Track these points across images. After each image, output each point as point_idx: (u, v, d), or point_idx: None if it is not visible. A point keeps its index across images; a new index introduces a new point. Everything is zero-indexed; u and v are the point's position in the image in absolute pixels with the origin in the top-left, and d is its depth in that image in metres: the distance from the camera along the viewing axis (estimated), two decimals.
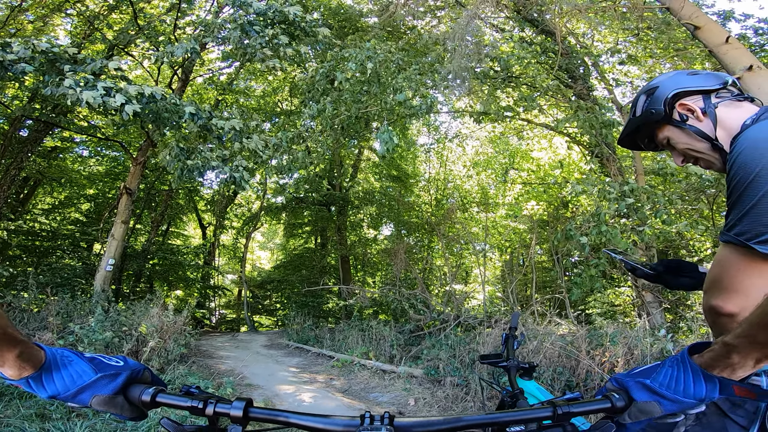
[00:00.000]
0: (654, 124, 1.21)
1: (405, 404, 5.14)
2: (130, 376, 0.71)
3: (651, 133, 1.26)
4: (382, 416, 0.69)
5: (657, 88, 1.19)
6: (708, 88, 1.13)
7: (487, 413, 0.72)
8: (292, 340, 10.23)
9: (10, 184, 9.91)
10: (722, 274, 0.93)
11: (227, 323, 18.52)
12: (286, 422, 0.70)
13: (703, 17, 4.90)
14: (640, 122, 1.24)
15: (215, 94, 13.86)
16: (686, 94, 1.15)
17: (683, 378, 0.65)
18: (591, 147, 7.36)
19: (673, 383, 0.66)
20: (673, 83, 1.17)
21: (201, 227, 19.25)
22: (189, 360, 6.73)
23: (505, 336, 1.78)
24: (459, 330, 7.03)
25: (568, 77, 7.94)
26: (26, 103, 9.71)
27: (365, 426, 0.67)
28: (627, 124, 1.31)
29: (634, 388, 0.68)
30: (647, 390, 0.67)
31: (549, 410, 0.71)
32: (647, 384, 0.67)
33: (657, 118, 1.18)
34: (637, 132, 1.29)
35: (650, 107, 1.20)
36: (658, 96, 1.18)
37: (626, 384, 0.70)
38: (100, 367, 0.70)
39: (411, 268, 10.33)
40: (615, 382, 0.72)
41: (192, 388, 0.74)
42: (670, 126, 1.18)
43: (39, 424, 3.09)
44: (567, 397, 0.73)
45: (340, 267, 15.06)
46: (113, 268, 8.69)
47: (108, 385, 0.68)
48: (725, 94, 1.13)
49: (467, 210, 13.30)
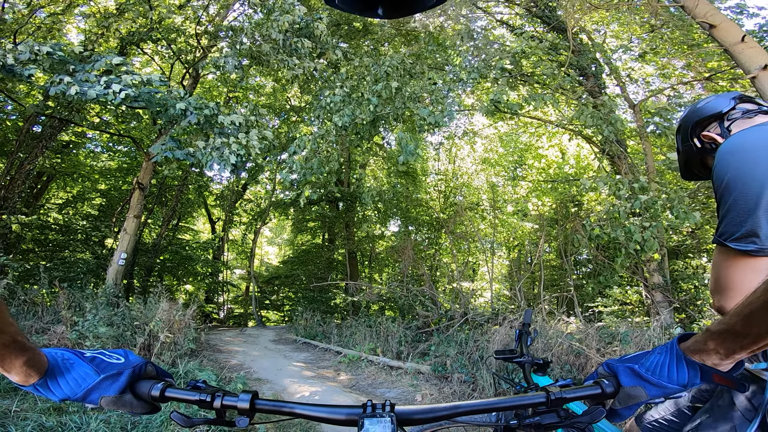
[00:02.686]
0: (696, 156, 1.29)
1: (412, 400, 5.16)
2: (133, 373, 0.71)
3: (702, 162, 1.31)
4: (384, 404, 0.71)
5: (681, 126, 1.31)
6: (721, 111, 1.20)
7: (483, 399, 0.74)
8: (300, 336, 10.30)
9: (24, 179, 10.07)
10: (717, 274, 0.99)
11: (235, 318, 18.70)
12: (292, 412, 0.72)
13: (719, 16, 4.82)
14: (685, 158, 1.34)
15: (225, 91, 13.95)
16: (704, 122, 1.23)
17: (668, 364, 0.67)
18: (602, 145, 7.29)
19: (658, 369, 0.68)
20: (691, 116, 1.26)
21: (210, 222, 19.44)
22: (200, 354, 6.81)
23: (518, 332, 1.80)
24: (466, 327, 7.04)
25: (580, 75, 7.86)
26: (40, 101, 9.86)
27: (367, 413, 0.69)
28: (678, 162, 1.41)
29: (622, 373, 0.71)
30: (634, 375, 0.69)
31: (543, 396, 0.72)
32: (635, 369, 0.70)
33: (692, 152, 1.28)
34: (691, 165, 1.35)
35: (683, 145, 1.31)
36: (684, 133, 1.29)
37: (616, 369, 0.72)
38: (102, 367, 0.69)
39: (419, 264, 10.33)
40: (606, 368, 0.74)
41: (199, 383, 0.75)
42: (707, 155, 1.25)
43: (56, 417, 3.15)
44: (560, 383, 0.75)
45: (348, 263, 15.10)
46: (125, 262, 8.80)
47: (112, 386, 0.69)
48: (736, 114, 1.19)
49: (476, 207, 13.26)
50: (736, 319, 0.59)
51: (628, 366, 0.71)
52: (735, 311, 0.59)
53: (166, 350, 5.55)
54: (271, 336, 11.31)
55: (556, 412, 0.75)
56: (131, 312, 6.43)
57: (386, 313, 10.67)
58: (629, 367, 0.70)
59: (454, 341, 6.38)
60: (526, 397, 0.74)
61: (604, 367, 0.74)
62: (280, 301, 18.76)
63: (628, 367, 0.70)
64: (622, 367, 0.71)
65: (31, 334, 5.40)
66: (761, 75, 4.21)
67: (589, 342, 4.74)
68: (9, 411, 3.17)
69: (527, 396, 0.74)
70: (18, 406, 3.25)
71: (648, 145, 7.34)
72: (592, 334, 4.90)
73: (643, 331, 4.79)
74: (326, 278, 13.75)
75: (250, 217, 20.02)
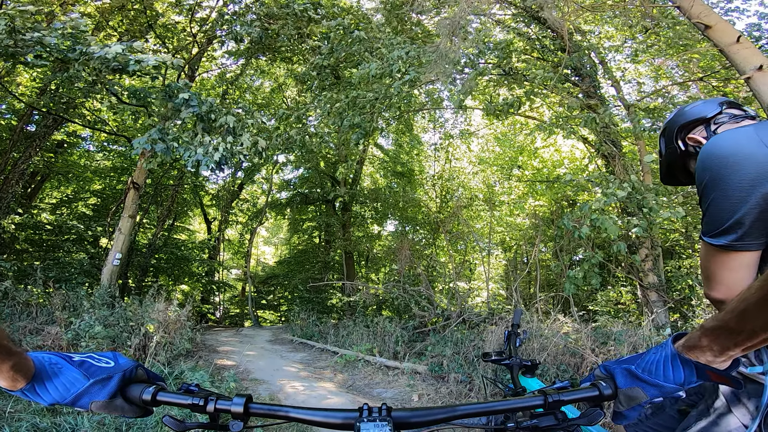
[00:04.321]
0: (680, 159, 1.31)
1: (409, 400, 5.16)
2: (124, 377, 0.70)
3: (684, 167, 1.33)
4: (380, 408, 0.70)
5: (667, 128, 1.32)
6: (707, 116, 1.22)
7: (481, 402, 0.73)
8: (296, 336, 10.28)
9: (18, 178, 10.00)
10: (703, 266, 1.08)
11: (231, 318, 18.64)
12: (286, 416, 0.71)
13: (714, 16, 4.83)
14: (667, 161, 1.35)
15: (220, 91, 13.91)
16: (690, 125, 1.25)
17: (663, 363, 0.67)
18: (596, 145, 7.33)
19: (654, 368, 0.68)
20: (677, 119, 1.29)
21: (206, 222, 19.36)
22: (195, 355, 6.79)
23: (507, 333, 1.79)
24: (463, 327, 7.05)
25: (575, 75, 7.88)
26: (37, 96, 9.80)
27: (363, 418, 0.69)
28: (660, 165, 1.42)
29: (619, 375, 0.71)
30: (631, 376, 0.69)
31: (540, 399, 0.72)
32: (631, 370, 0.69)
33: (676, 155, 1.30)
34: (673, 169, 1.37)
35: (667, 147, 1.32)
36: (669, 135, 1.31)
37: (613, 371, 0.72)
38: (91, 371, 0.68)
39: (415, 264, 10.34)
40: (603, 370, 0.74)
41: (192, 386, 0.74)
42: (691, 158, 1.27)
43: (50, 418, 3.14)
44: (557, 386, 0.75)
45: (344, 263, 15.08)
46: (120, 262, 8.75)
47: (102, 391, 0.68)
48: (723, 118, 1.21)
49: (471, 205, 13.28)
50: (729, 316, 0.58)
51: (625, 367, 0.71)
52: (729, 308, 0.59)
53: (161, 350, 5.52)
54: (267, 336, 11.28)
55: (553, 414, 0.75)
56: (126, 312, 6.39)
57: (383, 313, 10.68)
58: (626, 369, 0.70)
59: (450, 341, 6.38)
60: (523, 399, 0.74)
61: (601, 369, 0.75)
62: (277, 301, 18.72)
63: (624, 369, 0.70)
64: (618, 368, 0.71)
65: (25, 335, 5.36)
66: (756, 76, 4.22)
67: (584, 342, 4.76)
68: (3, 412, 3.15)
69: (524, 399, 0.74)
70: (12, 407, 3.23)
71: (642, 145, 7.37)
72: (587, 334, 4.93)
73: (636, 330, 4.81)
74: (323, 278, 13.73)
75: (246, 217, 19.97)
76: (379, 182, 18.23)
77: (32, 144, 10.10)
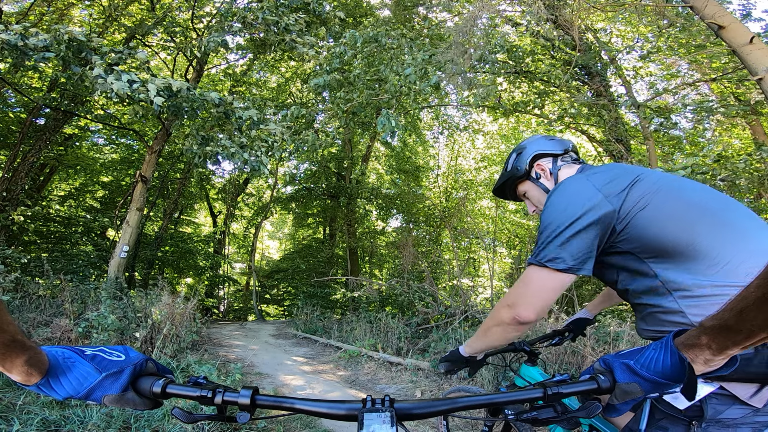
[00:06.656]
0: (517, 179, 1.46)
1: (411, 396, 5.19)
2: (134, 371, 0.71)
3: (514, 186, 1.50)
4: (383, 399, 0.72)
5: (525, 149, 1.44)
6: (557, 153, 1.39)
7: (481, 395, 0.75)
8: (300, 330, 10.34)
9: (27, 170, 10.11)
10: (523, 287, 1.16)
11: (235, 312, 18.76)
12: (292, 408, 0.73)
13: (728, 17, 4.78)
14: (508, 176, 1.48)
15: (228, 86, 13.95)
16: (543, 156, 1.41)
17: (662, 359, 0.67)
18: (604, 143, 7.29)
19: (652, 364, 0.68)
20: (535, 146, 1.42)
21: (212, 215, 19.44)
22: (201, 348, 6.85)
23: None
24: (466, 324, 7.05)
25: (585, 74, 7.82)
26: (45, 93, 9.86)
27: (367, 408, 0.70)
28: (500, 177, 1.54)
29: (618, 369, 0.71)
30: (629, 371, 0.70)
31: (540, 391, 0.73)
32: (630, 365, 0.70)
33: (520, 174, 1.44)
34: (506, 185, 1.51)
35: (516, 164, 1.45)
36: (523, 156, 1.43)
37: (612, 364, 0.72)
38: (103, 365, 0.69)
39: (419, 260, 10.34)
40: (603, 363, 0.74)
41: (200, 379, 0.75)
42: (528, 181, 1.44)
43: (59, 411, 3.18)
44: (557, 378, 0.76)
45: (348, 258, 15.11)
46: (127, 255, 8.84)
47: (114, 384, 0.69)
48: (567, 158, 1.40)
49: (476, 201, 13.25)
50: (729, 315, 0.58)
51: (624, 362, 0.71)
52: (728, 306, 0.59)
53: (168, 343, 5.58)
54: (271, 330, 11.35)
55: (552, 407, 0.75)
56: (134, 304, 6.46)
57: (386, 308, 10.71)
58: (624, 363, 0.71)
59: (453, 338, 6.40)
60: (523, 392, 0.75)
61: (600, 362, 0.75)
62: (281, 296, 18.81)
63: (623, 363, 0.71)
64: (617, 362, 0.72)
65: (34, 327, 5.43)
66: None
67: (585, 340, 4.76)
68: (13, 405, 3.20)
69: (524, 391, 0.75)
70: (22, 400, 3.28)
71: (651, 145, 7.31)
72: (589, 333, 4.92)
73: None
74: (327, 273, 13.77)
75: (251, 211, 20.05)
76: (384, 178, 18.24)
77: (42, 137, 10.20)
